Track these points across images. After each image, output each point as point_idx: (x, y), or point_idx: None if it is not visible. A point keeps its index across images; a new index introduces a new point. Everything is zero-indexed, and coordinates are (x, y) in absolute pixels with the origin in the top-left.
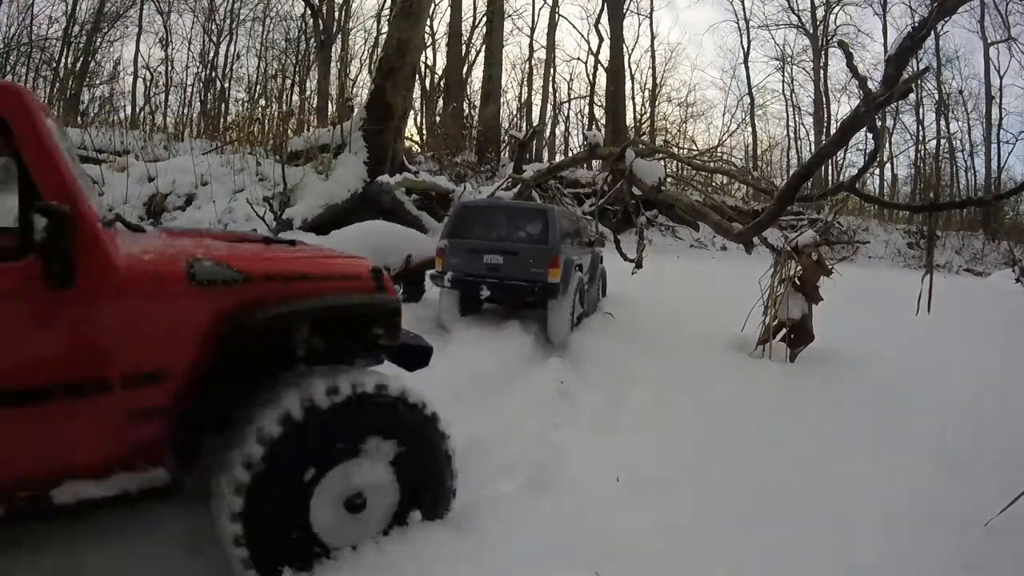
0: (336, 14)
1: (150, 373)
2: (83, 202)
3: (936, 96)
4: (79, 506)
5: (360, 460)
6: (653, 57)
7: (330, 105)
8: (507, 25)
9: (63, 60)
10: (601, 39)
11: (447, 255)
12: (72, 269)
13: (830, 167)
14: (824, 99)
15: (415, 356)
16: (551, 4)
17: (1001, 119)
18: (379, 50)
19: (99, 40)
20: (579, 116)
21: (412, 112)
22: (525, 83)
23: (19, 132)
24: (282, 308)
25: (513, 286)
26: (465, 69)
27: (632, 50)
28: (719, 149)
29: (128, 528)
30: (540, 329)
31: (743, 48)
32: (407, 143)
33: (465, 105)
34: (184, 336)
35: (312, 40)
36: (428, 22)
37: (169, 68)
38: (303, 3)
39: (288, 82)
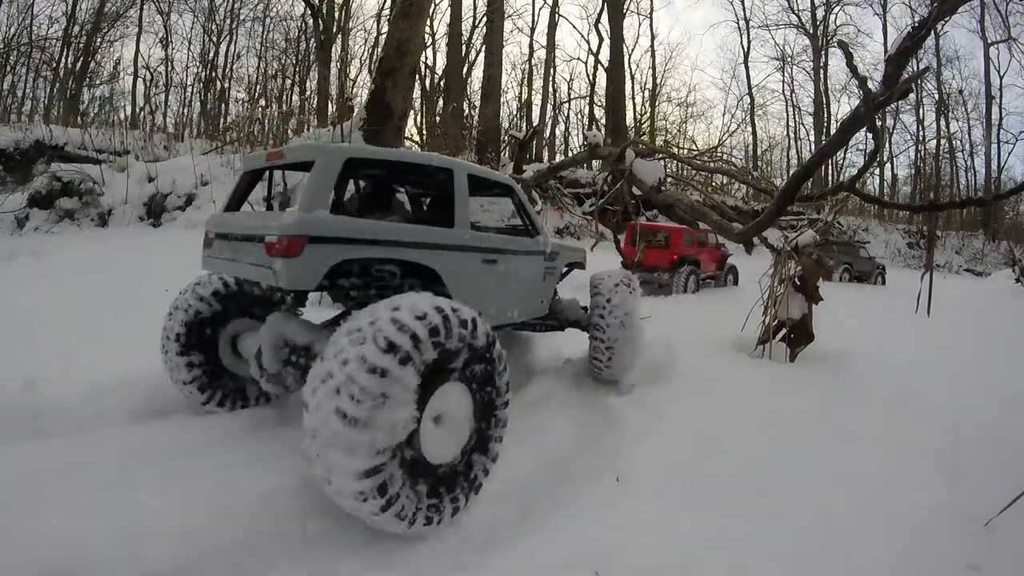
0: (336, 14)
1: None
2: None
3: (936, 96)
4: None
5: None
6: (653, 57)
7: (330, 105)
8: (507, 25)
9: (63, 60)
10: (601, 39)
11: None
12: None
13: (830, 167)
14: (824, 99)
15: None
16: (551, 4)
17: (1001, 119)
18: (379, 50)
19: (99, 40)
20: (579, 116)
21: (412, 112)
22: (525, 83)
23: None
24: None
25: None
26: (465, 69)
27: (632, 50)
28: (719, 149)
29: None
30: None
31: (743, 48)
32: (407, 143)
33: (465, 105)
34: None
35: (312, 40)
36: (428, 22)
37: (169, 68)
38: (303, 3)
39: (288, 82)
